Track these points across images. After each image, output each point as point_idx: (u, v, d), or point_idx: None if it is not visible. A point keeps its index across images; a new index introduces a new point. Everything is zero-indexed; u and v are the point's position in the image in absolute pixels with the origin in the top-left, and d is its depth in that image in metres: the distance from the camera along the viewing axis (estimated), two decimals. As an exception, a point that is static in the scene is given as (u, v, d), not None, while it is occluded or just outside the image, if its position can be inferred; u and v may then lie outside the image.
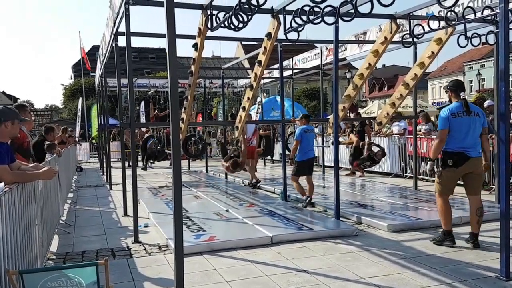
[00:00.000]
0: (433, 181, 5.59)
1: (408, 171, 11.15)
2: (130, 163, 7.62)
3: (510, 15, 5.44)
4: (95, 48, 34.03)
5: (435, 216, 6.29)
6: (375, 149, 10.12)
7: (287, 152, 10.35)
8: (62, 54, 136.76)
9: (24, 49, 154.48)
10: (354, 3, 5.29)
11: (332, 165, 7.22)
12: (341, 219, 6.48)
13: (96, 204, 8.83)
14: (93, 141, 21.54)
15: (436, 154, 5.26)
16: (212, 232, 5.74)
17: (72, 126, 22.25)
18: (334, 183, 6.54)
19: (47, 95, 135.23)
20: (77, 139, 19.32)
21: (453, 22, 6.52)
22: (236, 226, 6.33)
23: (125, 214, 7.50)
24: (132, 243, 5.69)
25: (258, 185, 10.51)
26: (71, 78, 49.07)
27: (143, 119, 18.82)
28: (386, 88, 57.64)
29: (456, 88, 5.22)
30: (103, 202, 9.13)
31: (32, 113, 6.92)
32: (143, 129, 16.23)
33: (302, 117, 8.16)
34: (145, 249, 5.39)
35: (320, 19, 5.90)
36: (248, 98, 7.71)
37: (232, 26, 5.65)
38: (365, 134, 11.01)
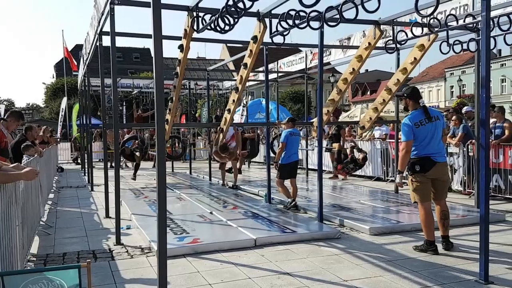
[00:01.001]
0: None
1: (390, 175, 11.29)
2: (113, 164, 7.53)
3: (491, 23, 5.58)
4: (78, 47, 33.59)
5: (416, 219, 6.38)
6: (356, 154, 10.26)
7: (271, 154, 10.38)
8: (46, 52, 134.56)
9: (7, 47, 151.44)
10: (339, 8, 5.34)
11: (316, 168, 7.27)
12: (324, 222, 6.52)
13: (78, 205, 8.71)
14: (76, 140, 21.20)
15: (403, 165, 5.20)
16: (196, 235, 5.72)
17: (54, 126, 21.86)
18: (318, 186, 6.59)
19: (29, 94, 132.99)
20: (58, 138, 19.00)
21: (436, 29, 6.64)
22: (220, 229, 6.33)
23: (107, 216, 7.41)
24: (114, 245, 5.64)
25: (227, 187, 10.90)
26: (53, 77, 48.32)
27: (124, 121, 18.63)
28: (368, 93, 58.27)
29: (415, 95, 5.18)
30: (85, 203, 9.02)
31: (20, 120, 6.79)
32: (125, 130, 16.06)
33: (288, 120, 8.20)
34: (127, 252, 5.34)
35: (305, 24, 5.93)
36: (234, 100, 7.71)
37: (218, 29, 5.64)
38: (341, 138, 11.17)
